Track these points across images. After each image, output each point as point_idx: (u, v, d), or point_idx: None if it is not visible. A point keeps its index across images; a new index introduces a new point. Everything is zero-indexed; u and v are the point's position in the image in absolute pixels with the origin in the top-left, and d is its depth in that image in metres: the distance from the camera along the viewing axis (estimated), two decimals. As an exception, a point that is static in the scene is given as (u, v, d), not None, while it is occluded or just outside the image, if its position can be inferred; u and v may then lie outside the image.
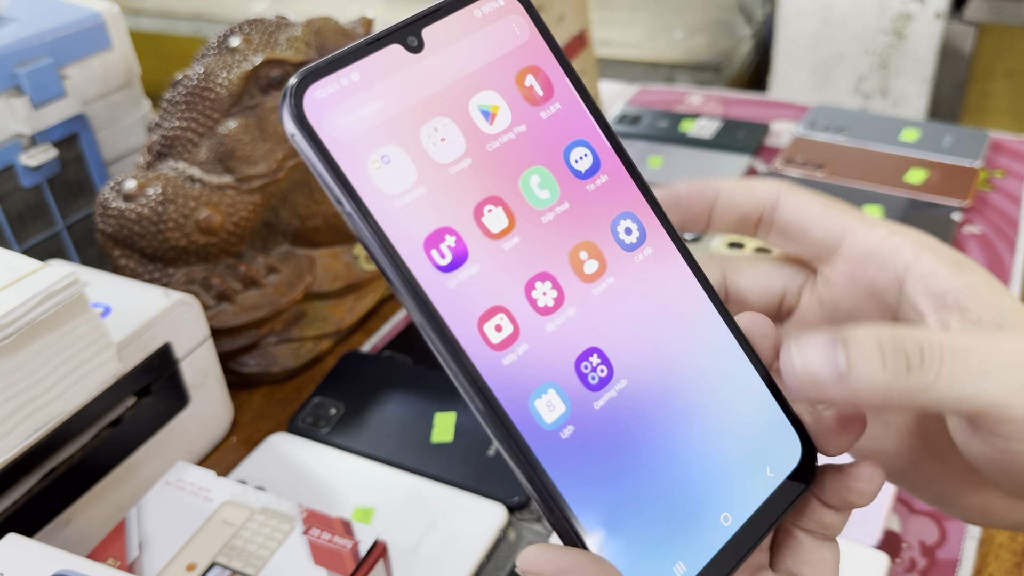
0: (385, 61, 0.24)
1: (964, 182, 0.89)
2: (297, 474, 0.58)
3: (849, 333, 0.22)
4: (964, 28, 1.67)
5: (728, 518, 0.25)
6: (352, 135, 0.23)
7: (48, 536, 0.51)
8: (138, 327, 0.54)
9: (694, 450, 0.25)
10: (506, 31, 0.26)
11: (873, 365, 0.22)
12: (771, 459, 0.26)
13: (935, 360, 0.22)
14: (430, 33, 0.25)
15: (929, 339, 0.22)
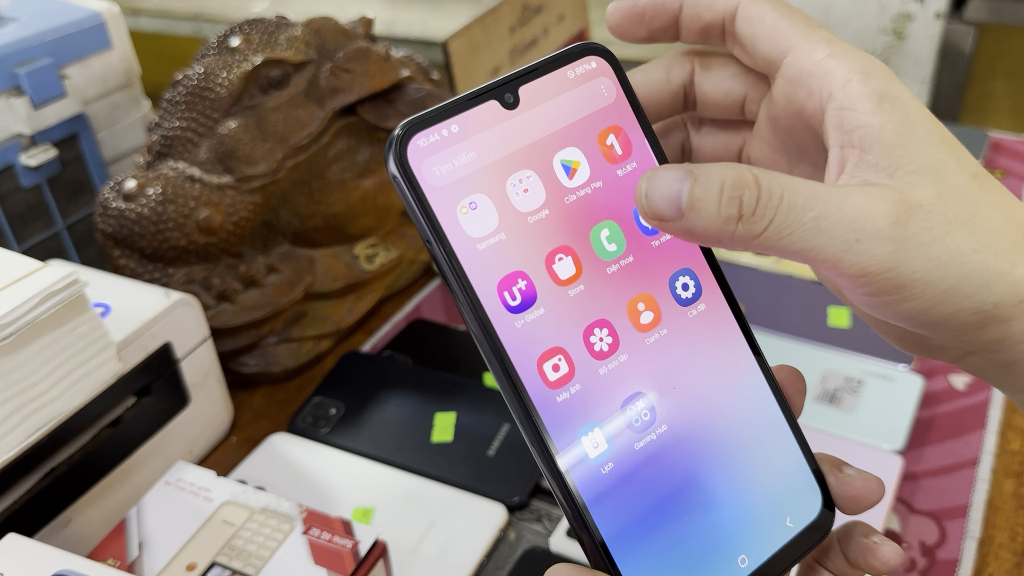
0: (482, 116, 0.26)
1: (964, 182, 0.89)
2: (297, 474, 0.58)
3: (699, 169, 0.23)
4: (964, 28, 1.67)
5: (745, 560, 0.27)
6: (446, 182, 0.25)
7: (48, 536, 0.51)
8: (138, 327, 0.54)
9: (722, 495, 0.27)
10: (595, 92, 0.27)
11: (709, 208, 0.22)
12: (792, 510, 0.27)
13: (769, 211, 0.22)
14: (526, 91, 0.26)
15: (770, 188, 0.22)
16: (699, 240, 0.24)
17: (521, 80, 0.26)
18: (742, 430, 0.28)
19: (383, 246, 0.76)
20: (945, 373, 0.66)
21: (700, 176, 0.23)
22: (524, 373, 0.25)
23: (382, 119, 0.68)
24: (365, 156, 0.71)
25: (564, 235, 0.26)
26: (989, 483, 0.57)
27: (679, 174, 0.23)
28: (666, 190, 0.23)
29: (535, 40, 0.93)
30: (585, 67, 0.27)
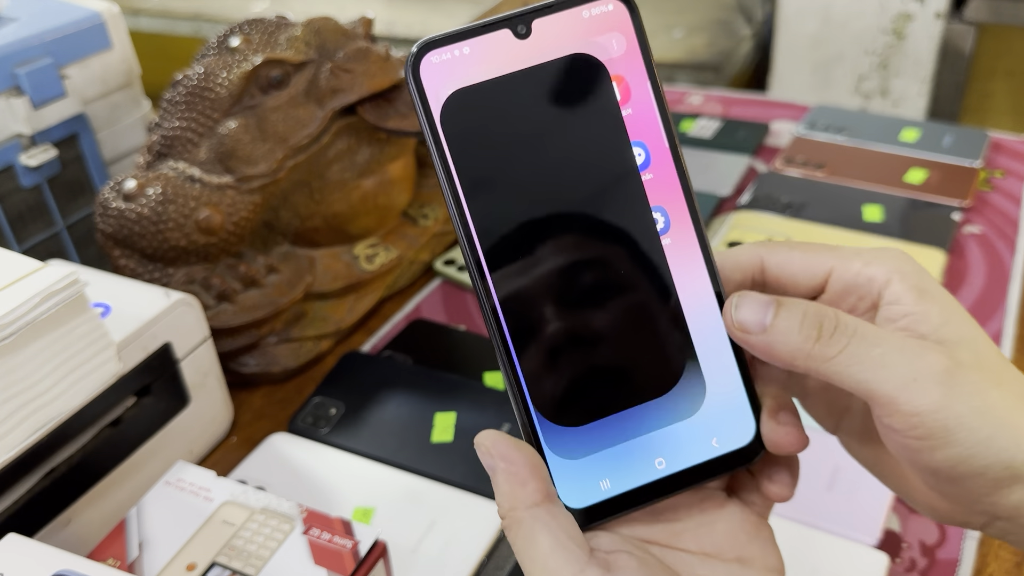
0: (493, 42, 0.28)
1: (964, 182, 0.89)
2: (297, 474, 0.58)
3: (786, 300, 0.28)
4: (964, 28, 1.67)
5: (662, 463, 0.29)
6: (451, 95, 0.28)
7: (48, 536, 0.51)
8: (138, 327, 0.54)
9: (652, 397, 0.29)
10: (607, 33, 0.29)
11: (791, 326, 0.27)
12: (720, 432, 0.29)
13: (843, 337, 0.26)
14: (539, 24, 0.28)
15: (846, 321, 0.27)
16: (776, 357, 0.27)
17: (536, 14, 0.28)
18: (687, 345, 0.29)
19: (383, 246, 0.76)
20: (945, 373, 0.66)
21: (786, 304, 0.28)
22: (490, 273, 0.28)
23: (382, 119, 0.68)
24: (365, 156, 0.71)
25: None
26: (989, 483, 0.57)
27: (768, 299, 0.28)
28: (755, 307, 0.28)
29: (535, 40, 0.93)
30: (602, 8, 0.28)
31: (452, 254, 0.82)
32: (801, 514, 0.53)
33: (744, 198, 0.88)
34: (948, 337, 0.27)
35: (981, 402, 0.25)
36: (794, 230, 0.82)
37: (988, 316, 0.72)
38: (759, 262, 0.30)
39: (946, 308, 0.27)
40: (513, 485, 0.27)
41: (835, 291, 0.29)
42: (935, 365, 0.26)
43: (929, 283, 0.28)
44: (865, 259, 0.29)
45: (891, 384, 0.26)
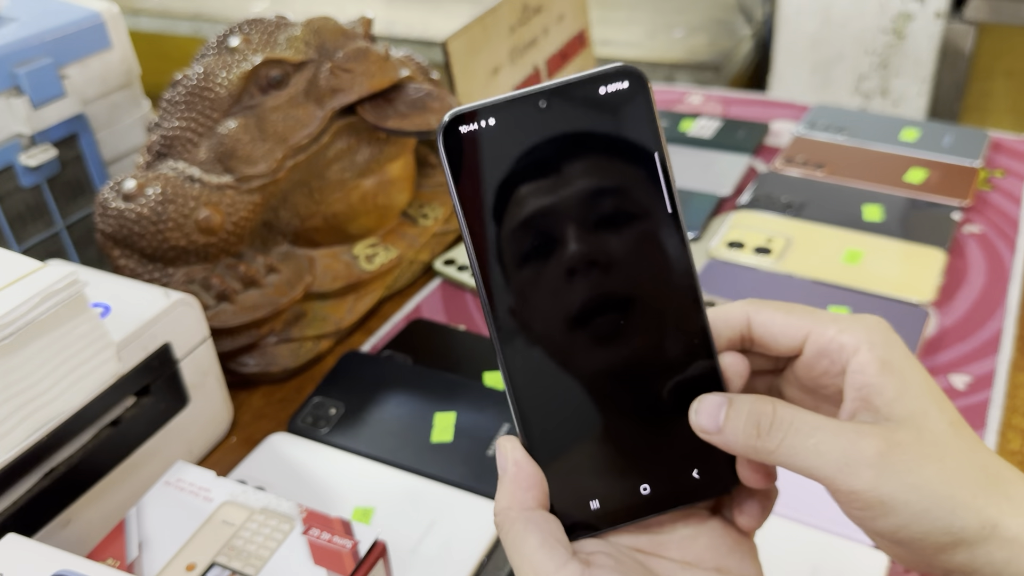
0: (516, 114, 0.31)
1: (964, 182, 0.89)
2: (297, 474, 0.58)
3: (733, 398, 0.31)
4: (964, 28, 1.67)
5: (647, 489, 0.32)
6: (477, 162, 0.31)
7: (48, 536, 0.51)
8: (138, 327, 0.54)
9: (641, 433, 0.32)
10: (621, 109, 0.31)
11: (737, 427, 0.30)
12: (701, 465, 0.32)
13: (779, 432, 0.29)
14: (559, 99, 0.31)
15: (782, 415, 0.30)
16: (733, 450, 0.30)
17: (557, 90, 0.30)
18: (681, 390, 0.32)
19: (383, 246, 0.76)
20: (945, 372, 0.66)
21: (734, 403, 0.30)
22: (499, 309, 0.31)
23: (382, 119, 0.68)
24: (365, 156, 0.71)
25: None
26: (989, 483, 0.57)
27: (720, 399, 0.31)
28: (709, 410, 0.31)
29: (535, 40, 0.93)
30: (617, 85, 0.31)
31: (452, 254, 0.82)
32: (801, 514, 0.53)
33: (744, 198, 0.88)
34: (896, 413, 0.29)
35: (915, 479, 0.28)
36: (794, 230, 0.82)
37: (988, 316, 0.72)
38: (746, 320, 0.33)
39: (904, 382, 0.30)
40: (516, 488, 0.31)
41: (810, 354, 0.32)
42: (867, 449, 0.28)
43: (895, 355, 0.30)
44: (840, 326, 0.31)
45: (827, 469, 0.28)
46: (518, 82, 0.91)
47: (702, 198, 0.89)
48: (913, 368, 0.30)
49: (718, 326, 0.33)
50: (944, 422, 0.29)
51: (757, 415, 0.30)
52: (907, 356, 0.30)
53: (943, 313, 0.72)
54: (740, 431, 0.30)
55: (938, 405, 0.30)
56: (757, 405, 0.30)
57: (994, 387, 0.65)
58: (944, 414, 0.29)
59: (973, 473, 0.28)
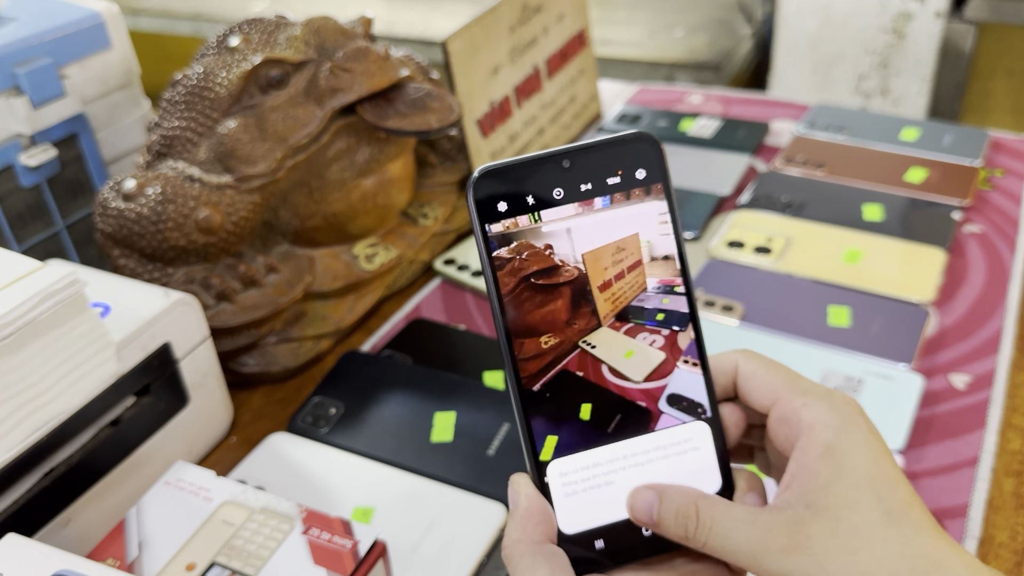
0: (540, 172, 0.33)
1: (964, 181, 0.89)
2: (297, 474, 0.58)
3: (665, 492, 0.33)
4: (964, 27, 1.67)
5: (649, 531, 0.33)
6: (502, 215, 0.33)
7: (48, 536, 0.51)
8: (138, 327, 0.54)
9: (646, 477, 0.34)
10: (635, 170, 0.34)
11: (668, 521, 0.32)
12: None
13: (702, 534, 0.32)
14: (581, 159, 0.33)
15: (704, 517, 0.32)
16: (672, 539, 0.33)
17: (580, 152, 0.33)
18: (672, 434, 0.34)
19: (383, 246, 0.76)
20: (945, 372, 0.66)
21: (664, 500, 0.33)
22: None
23: (381, 119, 0.68)
24: (364, 156, 0.71)
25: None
26: (989, 483, 0.57)
27: (652, 496, 0.33)
28: (642, 505, 0.33)
29: (535, 40, 0.93)
30: (633, 147, 0.34)
31: (452, 254, 0.82)
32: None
33: (744, 197, 0.88)
34: (821, 501, 0.30)
35: (820, 570, 0.29)
36: (794, 229, 0.82)
37: (988, 315, 0.72)
38: (735, 368, 0.35)
39: (840, 471, 0.31)
40: (527, 523, 0.32)
41: (775, 418, 0.33)
42: (773, 545, 0.30)
43: (846, 441, 0.31)
44: (806, 400, 0.33)
45: (743, 562, 0.31)
46: (518, 81, 0.91)
47: (702, 197, 0.89)
48: (861, 456, 0.31)
49: (715, 373, 0.35)
50: (876, 512, 0.30)
51: (684, 516, 0.32)
52: (861, 443, 0.31)
53: (943, 312, 0.72)
54: (671, 528, 0.32)
55: (876, 494, 0.30)
56: (683, 506, 0.32)
57: (994, 387, 0.65)
58: (881, 503, 0.30)
59: (893, 565, 0.29)
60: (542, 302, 0.34)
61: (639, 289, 0.35)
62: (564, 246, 0.34)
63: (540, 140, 0.96)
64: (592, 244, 0.34)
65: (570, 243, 0.34)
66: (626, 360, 0.34)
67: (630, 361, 0.34)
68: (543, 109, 0.96)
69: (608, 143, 0.34)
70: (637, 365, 0.34)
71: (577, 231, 0.34)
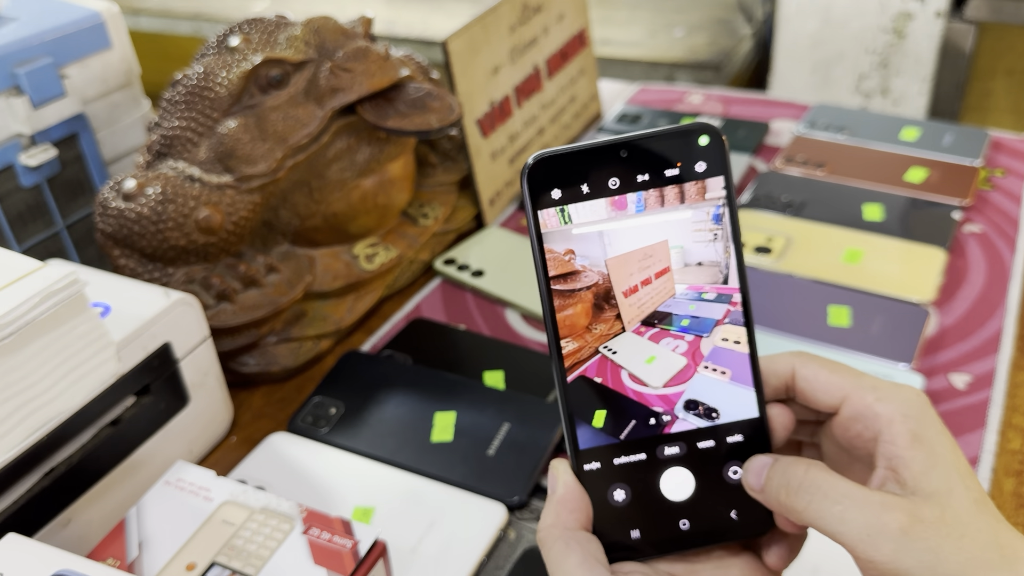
0: (597, 160, 0.33)
1: (964, 181, 0.89)
2: (297, 474, 0.58)
3: (778, 458, 0.33)
4: (964, 27, 1.67)
5: (686, 524, 0.34)
6: (557, 205, 0.33)
7: (48, 536, 0.51)
8: (138, 327, 0.54)
9: (686, 472, 0.34)
10: (696, 163, 0.33)
11: (773, 487, 0.32)
12: (740, 508, 0.34)
13: (805, 495, 0.31)
14: (636, 149, 0.33)
15: (812, 478, 0.31)
16: (770, 506, 0.33)
17: (637, 141, 0.33)
18: (722, 443, 0.34)
19: (383, 245, 0.76)
20: (945, 372, 0.66)
21: (777, 463, 0.33)
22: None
23: (382, 118, 0.68)
24: (365, 155, 0.71)
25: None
26: (989, 482, 0.57)
27: (767, 460, 0.33)
28: (757, 469, 0.33)
29: (535, 39, 0.93)
30: (696, 139, 0.33)
31: (452, 253, 0.82)
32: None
33: (744, 197, 0.88)
34: (923, 488, 0.30)
35: (932, 557, 0.29)
36: (794, 229, 0.82)
37: (988, 315, 0.72)
38: (791, 372, 0.35)
39: (932, 457, 0.31)
40: (562, 509, 0.33)
41: (846, 415, 0.33)
42: (891, 523, 0.30)
43: (928, 429, 0.32)
44: (878, 394, 0.33)
45: (849, 537, 0.30)
46: (518, 81, 0.91)
47: (702, 197, 0.89)
48: (944, 444, 0.31)
49: (765, 375, 0.35)
50: (969, 499, 0.30)
51: (789, 476, 0.32)
52: (940, 431, 0.32)
53: (943, 312, 0.72)
54: (774, 491, 0.32)
55: (964, 482, 0.31)
56: (792, 467, 0.32)
57: (994, 386, 0.65)
58: (969, 491, 0.30)
59: (989, 553, 0.29)
60: (564, 306, 0.34)
61: (667, 295, 0.35)
62: (594, 249, 0.34)
63: (540, 140, 0.96)
64: (620, 249, 0.34)
65: (601, 246, 0.34)
66: (646, 366, 0.35)
67: (650, 367, 0.35)
68: (543, 109, 0.96)
69: (669, 133, 0.33)
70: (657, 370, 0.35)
71: (609, 236, 0.34)
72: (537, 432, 0.60)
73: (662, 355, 0.35)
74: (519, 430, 0.60)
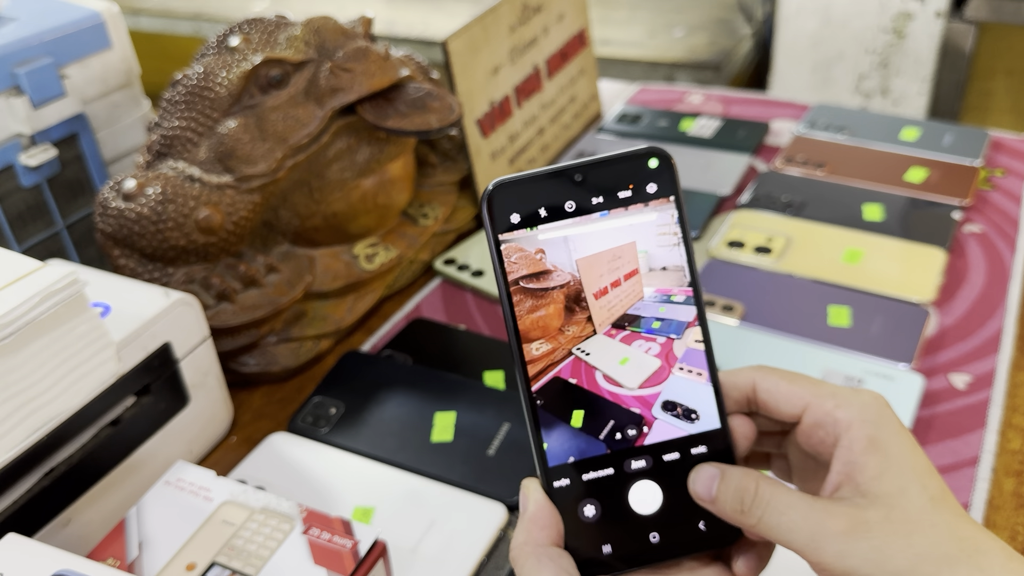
0: (552, 185, 0.34)
1: (964, 181, 0.89)
2: (297, 474, 0.58)
3: (725, 471, 0.34)
4: (964, 27, 1.67)
5: (656, 537, 0.34)
6: (515, 226, 0.34)
7: (48, 536, 0.51)
8: (138, 327, 0.54)
9: (654, 487, 0.34)
10: (646, 184, 0.35)
11: (726, 500, 0.33)
12: (708, 518, 0.34)
13: (758, 509, 0.32)
14: (593, 173, 0.34)
15: (763, 493, 0.32)
16: (724, 517, 0.33)
17: (591, 167, 0.34)
18: (687, 454, 0.35)
19: (383, 245, 0.76)
20: (945, 372, 0.66)
21: (725, 477, 0.34)
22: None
23: (382, 118, 0.68)
24: (365, 155, 0.71)
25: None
26: (989, 482, 0.57)
27: (714, 472, 0.34)
28: (705, 480, 0.34)
29: (535, 39, 0.93)
30: (644, 162, 0.34)
31: (452, 253, 0.82)
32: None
33: (744, 197, 0.88)
34: (873, 490, 0.31)
35: (878, 555, 0.30)
36: (794, 229, 0.82)
37: (988, 315, 0.72)
38: (752, 385, 0.35)
39: (887, 461, 0.32)
40: (533, 526, 0.33)
41: (807, 423, 0.34)
42: (833, 527, 0.31)
43: (884, 433, 0.33)
44: (837, 401, 0.34)
45: (798, 544, 0.31)
46: (518, 81, 0.91)
47: (702, 197, 0.89)
48: (901, 446, 0.32)
49: (727, 389, 0.36)
50: (923, 498, 0.31)
51: (741, 491, 0.33)
52: (897, 433, 0.33)
53: (943, 312, 0.72)
54: (728, 504, 0.33)
55: (920, 481, 0.32)
56: (743, 481, 0.33)
57: (994, 386, 0.65)
58: (926, 490, 0.31)
59: (944, 547, 0.30)
60: (536, 307, 0.34)
61: (636, 298, 0.35)
62: (561, 253, 0.34)
63: (540, 140, 0.96)
64: (588, 251, 0.34)
65: (567, 250, 0.34)
66: (620, 367, 0.35)
67: (624, 368, 0.35)
68: (543, 109, 0.96)
69: (619, 158, 0.34)
70: (631, 372, 0.35)
71: (577, 240, 0.34)
72: (537, 432, 0.60)
73: (635, 357, 0.35)
74: (519, 430, 0.60)
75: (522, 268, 0.34)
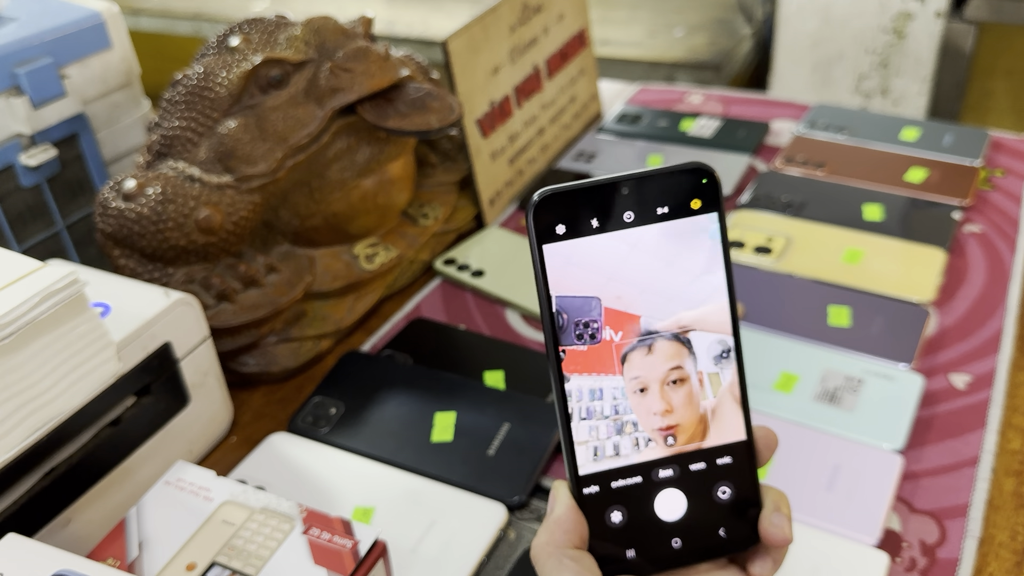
0: (597, 197, 0.34)
1: (964, 181, 0.89)
2: (297, 474, 0.58)
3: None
4: (964, 27, 1.67)
5: (678, 543, 0.35)
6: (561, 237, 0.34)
7: (48, 536, 0.51)
8: (138, 327, 0.54)
9: (678, 495, 0.35)
10: (691, 200, 0.34)
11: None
12: (728, 525, 0.35)
13: None
14: (637, 186, 0.34)
15: None
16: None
17: (636, 179, 0.34)
18: (712, 461, 0.36)
19: (383, 245, 0.76)
20: (945, 372, 0.66)
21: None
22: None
23: (382, 118, 0.68)
24: (365, 155, 0.71)
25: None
26: (989, 482, 0.57)
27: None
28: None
29: (535, 39, 0.93)
30: (691, 179, 0.34)
31: (452, 253, 0.82)
32: (801, 514, 0.53)
33: (744, 197, 0.88)
34: None
35: None
36: (794, 229, 0.82)
37: (988, 315, 0.72)
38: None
39: None
40: (557, 528, 0.34)
41: None
42: None
43: None
44: None
45: None
46: (518, 81, 0.91)
47: (702, 198, 0.89)
48: None
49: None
50: None
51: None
52: None
53: (943, 312, 0.72)
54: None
55: None
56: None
57: (994, 386, 0.65)
58: None
59: None
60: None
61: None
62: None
63: (540, 140, 0.96)
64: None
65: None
66: None
67: None
68: (543, 109, 0.96)
69: (669, 172, 0.35)
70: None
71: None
72: (537, 432, 0.60)
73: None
74: (519, 430, 0.60)
75: (572, 323, 0.34)
